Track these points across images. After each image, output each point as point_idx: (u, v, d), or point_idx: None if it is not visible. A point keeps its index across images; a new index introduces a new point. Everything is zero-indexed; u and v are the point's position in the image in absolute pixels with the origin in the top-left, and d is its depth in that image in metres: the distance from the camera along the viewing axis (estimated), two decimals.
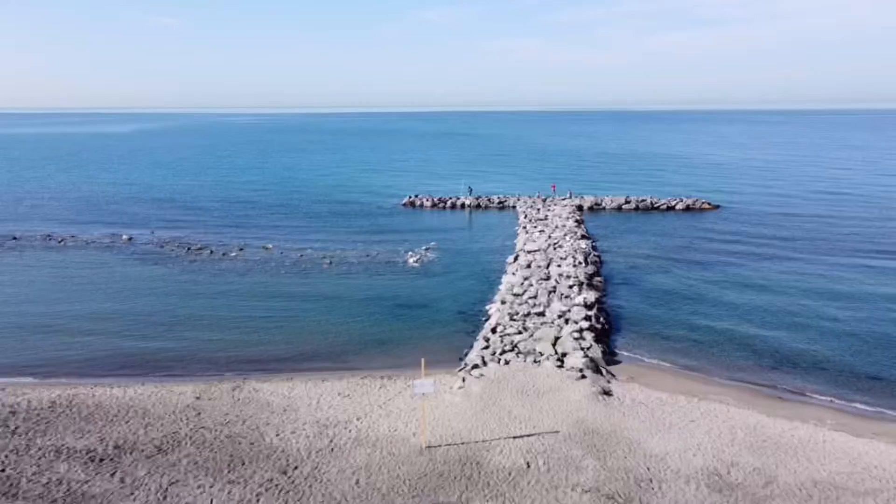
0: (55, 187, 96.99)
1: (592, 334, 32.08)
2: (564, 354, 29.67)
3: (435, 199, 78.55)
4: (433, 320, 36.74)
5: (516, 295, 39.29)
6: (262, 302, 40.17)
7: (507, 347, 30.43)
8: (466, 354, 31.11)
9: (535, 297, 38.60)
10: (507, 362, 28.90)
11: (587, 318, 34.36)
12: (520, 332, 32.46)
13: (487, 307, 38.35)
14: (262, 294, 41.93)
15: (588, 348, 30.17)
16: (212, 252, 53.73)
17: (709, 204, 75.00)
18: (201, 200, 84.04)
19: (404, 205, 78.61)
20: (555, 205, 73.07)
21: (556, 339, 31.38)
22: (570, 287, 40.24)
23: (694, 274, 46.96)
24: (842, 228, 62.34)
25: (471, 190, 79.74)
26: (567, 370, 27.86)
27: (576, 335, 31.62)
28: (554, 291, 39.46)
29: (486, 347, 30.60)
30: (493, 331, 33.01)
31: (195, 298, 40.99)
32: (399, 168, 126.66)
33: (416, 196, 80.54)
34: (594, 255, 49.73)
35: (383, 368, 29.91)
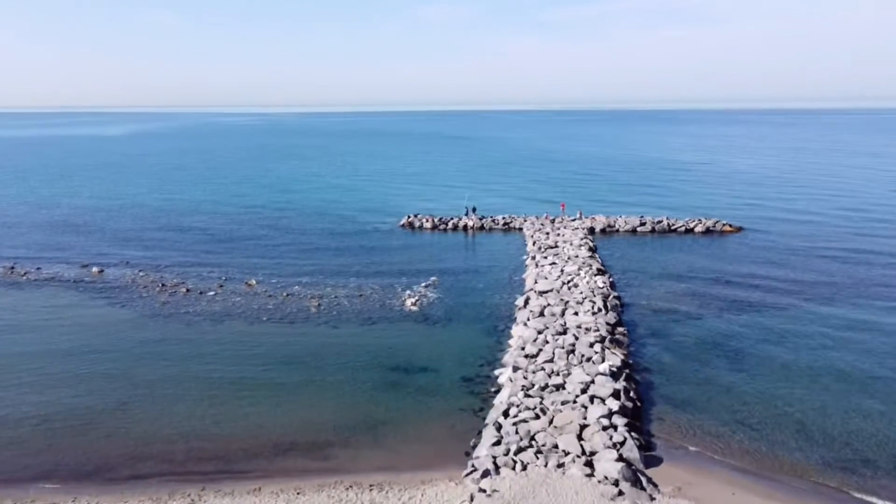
0: (34, 203, 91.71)
1: (624, 420, 26.81)
2: (594, 454, 24.42)
3: (435, 220, 73.26)
4: (433, 391, 31.48)
5: (529, 356, 34.05)
6: (236, 365, 34.83)
7: (524, 442, 25.17)
8: (474, 447, 25.89)
9: (551, 359, 33.34)
10: (524, 466, 23.64)
11: (615, 393, 29.12)
12: (537, 417, 27.21)
13: (497, 372, 33.12)
14: (236, 352, 36.60)
15: (622, 444, 24.91)
16: (188, 291, 48.44)
17: (730, 226, 69.71)
18: (187, 219, 78.74)
19: (402, 226, 73.34)
20: (564, 227, 67.81)
21: (582, 427, 26.14)
22: (592, 345, 34.98)
23: (728, 319, 41.69)
24: (878, 259, 57.01)
25: (474, 209, 74.45)
26: (599, 482, 22.60)
27: (604, 421, 26.37)
28: (573, 352, 34.20)
29: (498, 443, 25.33)
30: (506, 414, 27.75)
31: (159, 360, 35.61)
32: (397, 178, 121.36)
33: (416, 216, 75.24)
34: (613, 297, 44.47)
35: (374, 471, 24.61)
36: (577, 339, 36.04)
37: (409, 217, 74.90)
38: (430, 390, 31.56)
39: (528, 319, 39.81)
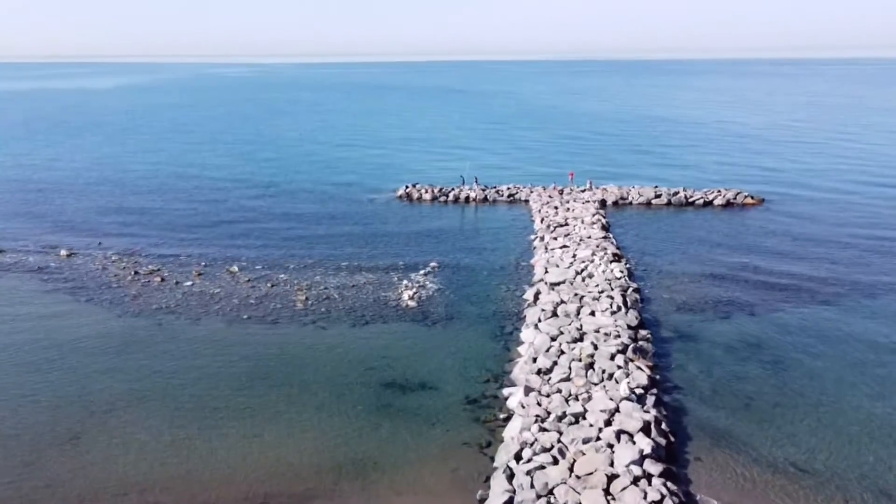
0: (5, 169, 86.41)
1: (659, 467, 22.68)
2: None
3: (435, 191, 68.30)
4: (433, 417, 27.31)
5: (542, 372, 29.82)
6: (208, 382, 30.50)
7: (542, 502, 21.07)
8: (482, 503, 21.87)
9: (567, 377, 29.13)
10: None
11: (645, 427, 24.94)
12: (555, 461, 23.09)
13: (506, 392, 28.92)
14: (210, 365, 32.26)
15: None
16: (163, 280, 43.97)
17: (752, 198, 64.81)
18: (170, 189, 73.76)
19: (400, 197, 68.45)
20: (574, 200, 62.95)
21: (610, 479, 22.04)
22: (613, 357, 30.73)
23: (761, 317, 37.42)
24: None
25: (476, 180, 69.43)
26: None
27: (636, 470, 22.27)
28: (592, 367, 29.95)
29: (510, 502, 21.24)
30: (518, 457, 23.62)
31: (120, 375, 31.25)
32: (394, 140, 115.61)
33: (414, 186, 70.24)
34: (632, 290, 40.04)
35: None
36: (596, 348, 31.76)
37: (406, 187, 69.92)
38: (429, 416, 27.40)
39: (540, 321, 35.49)
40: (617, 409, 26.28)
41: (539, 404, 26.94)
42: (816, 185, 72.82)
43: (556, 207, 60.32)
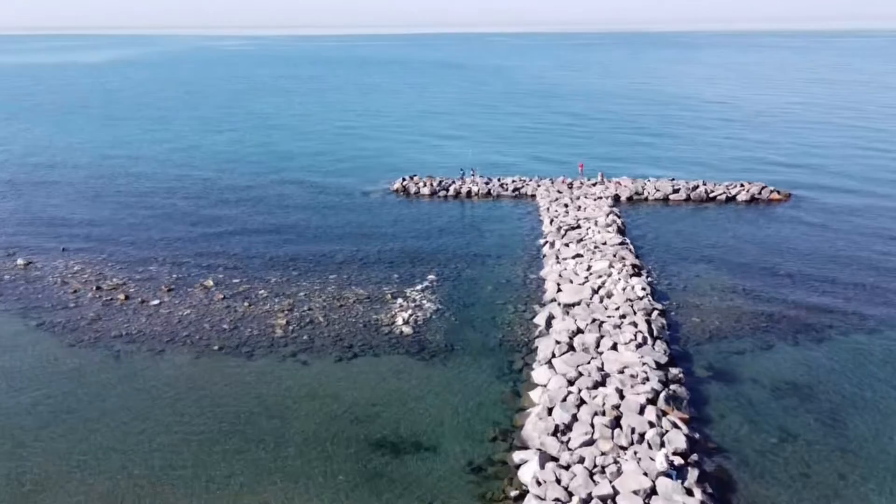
0: None
1: None
2: None
3: (434, 184, 63.08)
4: (430, 494, 22.67)
5: (559, 431, 25.10)
6: (165, 438, 25.79)
7: None
8: None
9: (591, 440, 24.42)
10: None
11: None
12: None
13: (517, 459, 24.19)
14: (170, 415, 27.52)
15: None
16: (127, 298, 39.12)
17: (778, 193, 59.65)
18: (147, 181, 68.62)
19: (396, 191, 63.30)
20: (585, 196, 57.81)
21: None
22: (642, 410, 25.98)
23: (807, 349, 32.63)
24: None
25: (474, 171, 64.39)
26: None
27: None
28: (619, 424, 25.23)
29: None
30: None
31: (64, 426, 26.54)
32: (390, 123, 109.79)
33: (411, 178, 65.02)
34: (657, 314, 35.21)
35: None
36: (622, 396, 27.02)
37: (403, 180, 64.70)
38: (425, 490, 22.77)
39: (554, 356, 30.73)
40: (653, 490, 21.60)
41: (558, 481, 22.26)
42: (845, 173, 67.78)
43: (566, 205, 55.19)
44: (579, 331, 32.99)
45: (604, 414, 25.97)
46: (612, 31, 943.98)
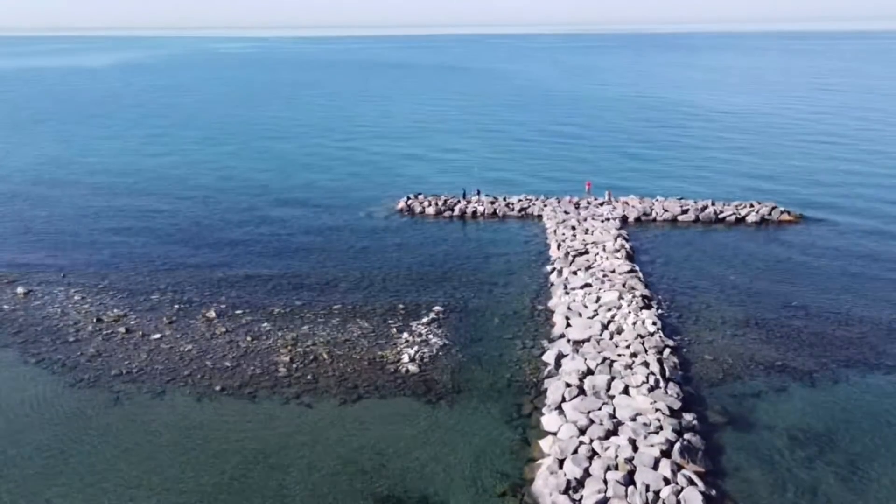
0: None
1: None
2: None
3: (439, 204, 62.33)
4: None
5: (571, 488, 24.35)
6: (163, 490, 25.09)
7: None
8: None
9: (602, 497, 23.70)
10: None
11: None
12: None
13: None
14: (169, 462, 26.78)
15: None
16: (128, 331, 38.43)
17: (788, 213, 58.80)
18: (146, 199, 68.02)
19: (400, 210, 62.58)
20: (593, 217, 57.02)
21: None
22: (656, 464, 25.22)
23: (824, 391, 31.81)
24: None
25: (478, 192, 63.76)
26: None
27: None
28: (633, 480, 24.47)
29: None
30: None
31: (54, 484, 25.82)
32: (392, 134, 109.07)
33: (416, 197, 64.34)
34: (669, 352, 34.42)
35: None
36: (635, 448, 26.24)
37: (407, 199, 64.02)
38: None
39: (564, 400, 29.96)
40: None
41: None
42: (857, 195, 66.69)
43: (573, 228, 54.43)
44: (589, 371, 32.22)
45: (617, 468, 25.22)
46: (613, 32, 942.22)
